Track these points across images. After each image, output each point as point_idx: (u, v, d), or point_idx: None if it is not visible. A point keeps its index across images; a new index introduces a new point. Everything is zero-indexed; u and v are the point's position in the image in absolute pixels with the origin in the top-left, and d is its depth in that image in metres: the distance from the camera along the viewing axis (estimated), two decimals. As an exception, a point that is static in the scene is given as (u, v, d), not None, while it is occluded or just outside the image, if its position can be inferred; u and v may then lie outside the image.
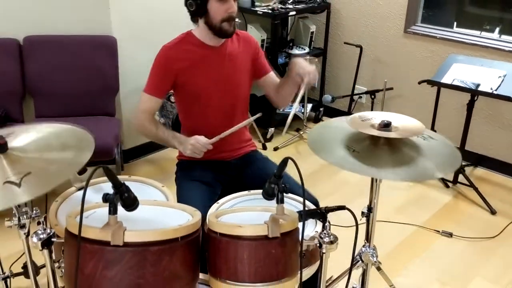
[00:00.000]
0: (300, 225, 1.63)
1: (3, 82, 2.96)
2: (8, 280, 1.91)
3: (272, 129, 3.97)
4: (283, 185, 1.28)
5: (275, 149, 3.87)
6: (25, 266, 2.21)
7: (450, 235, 2.86)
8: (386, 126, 1.35)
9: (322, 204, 1.40)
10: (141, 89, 3.42)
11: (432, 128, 3.56)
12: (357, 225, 1.45)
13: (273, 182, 1.29)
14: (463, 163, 3.38)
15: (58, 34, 3.13)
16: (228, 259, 1.31)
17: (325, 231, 1.43)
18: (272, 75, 2.21)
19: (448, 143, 1.47)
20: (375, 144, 1.36)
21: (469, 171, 3.57)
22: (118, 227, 1.16)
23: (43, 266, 1.60)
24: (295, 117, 4.15)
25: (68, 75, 3.10)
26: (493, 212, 3.08)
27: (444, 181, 3.40)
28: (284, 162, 1.27)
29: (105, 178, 1.28)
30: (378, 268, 2.07)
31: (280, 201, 1.29)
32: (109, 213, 1.16)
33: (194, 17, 2.01)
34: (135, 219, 1.39)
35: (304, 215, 1.26)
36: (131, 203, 1.19)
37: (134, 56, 3.37)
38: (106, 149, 2.79)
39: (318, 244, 1.42)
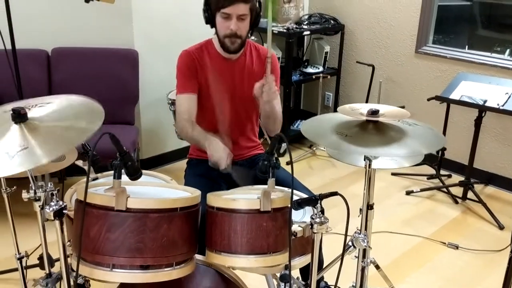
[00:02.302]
0: (296, 213, 1.74)
1: (31, 89, 3.14)
2: (23, 261, 2.03)
3: (285, 144, 4.07)
4: (274, 162, 1.38)
5: (288, 163, 3.96)
6: (40, 258, 2.32)
7: (456, 247, 2.88)
8: (373, 113, 1.45)
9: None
10: (160, 100, 3.63)
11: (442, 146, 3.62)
12: (348, 210, 1.52)
13: (266, 159, 1.39)
14: (472, 180, 3.40)
15: (84, 46, 3.34)
16: (223, 231, 1.40)
17: (317, 213, 1.51)
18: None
19: (432, 128, 1.55)
20: (364, 129, 1.45)
21: (479, 189, 3.59)
22: (121, 191, 1.27)
23: (58, 259, 1.71)
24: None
25: (91, 84, 3.29)
26: (501, 227, 3.09)
27: (453, 197, 3.43)
28: (276, 139, 1.37)
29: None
30: (377, 267, 2.12)
31: (272, 175, 1.39)
32: (114, 177, 1.27)
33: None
34: (139, 193, 1.52)
35: (292, 183, 1.35)
36: (134, 172, 1.30)
37: (154, 69, 3.56)
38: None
39: (310, 225, 1.50)
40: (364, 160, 1.57)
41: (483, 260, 2.78)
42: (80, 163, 1.80)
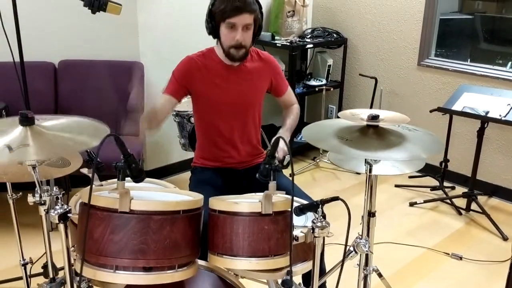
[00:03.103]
0: (298, 219, 1.75)
1: (38, 100, 3.21)
2: (28, 267, 2.04)
3: (289, 156, 4.09)
4: (275, 165, 1.40)
5: (291, 175, 3.98)
6: (45, 266, 2.33)
7: (460, 258, 2.87)
8: (374, 118, 1.47)
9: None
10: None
11: (445, 157, 3.63)
12: (349, 214, 1.54)
13: (267, 163, 1.41)
14: (476, 192, 3.40)
15: (90, 59, 3.40)
16: (225, 233, 1.42)
17: (318, 218, 1.52)
18: (286, 96, 2.39)
19: (431, 134, 1.57)
20: (364, 134, 1.47)
21: (483, 201, 3.58)
22: (125, 192, 1.29)
23: (62, 268, 1.73)
24: (312, 146, 4.28)
25: (97, 96, 3.34)
26: (505, 238, 3.08)
27: (456, 208, 3.42)
28: (277, 142, 1.40)
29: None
30: (380, 275, 2.12)
31: (273, 178, 1.41)
32: (118, 179, 1.30)
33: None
34: (142, 197, 1.54)
35: (292, 187, 1.36)
36: (138, 174, 1.33)
37: (159, 81, 3.59)
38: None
39: (311, 230, 1.51)
40: (365, 164, 1.59)
41: (486, 270, 2.77)
42: (85, 170, 1.83)
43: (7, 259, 2.67)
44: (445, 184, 3.73)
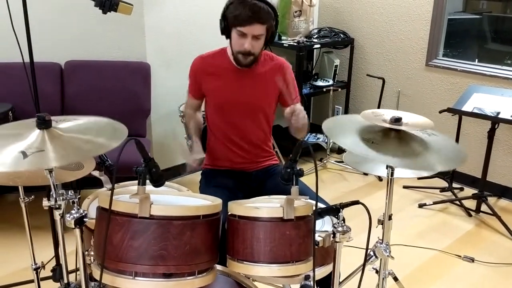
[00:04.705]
0: (316, 223, 1.72)
1: (44, 102, 3.14)
2: (39, 271, 2.02)
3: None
4: (298, 169, 1.38)
5: (315, 176, 3.95)
6: (54, 270, 2.31)
7: (472, 260, 2.84)
8: (396, 121, 1.44)
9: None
10: (171, 113, 3.65)
11: (454, 158, 3.60)
12: (370, 218, 1.51)
13: (289, 167, 1.38)
14: (486, 193, 3.38)
15: (97, 59, 3.37)
16: (245, 239, 1.39)
17: (339, 222, 1.50)
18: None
19: (449, 140, 1.54)
20: (387, 137, 1.45)
21: (493, 202, 3.56)
22: (145, 198, 1.26)
23: (72, 271, 1.70)
24: (319, 147, 4.25)
25: (103, 97, 3.31)
26: (516, 240, 3.06)
27: (466, 210, 3.40)
28: (299, 146, 1.37)
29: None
30: (395, 279, 2.10)
31: (295, 183, 1.38)
32: (138, 184, 1.27)
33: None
34: (160, 201, 1.51)
35: (316, 190, 1.34)
36: (158, 178, 1.30)
37: (166, 82, 3.58)
38: (135, 164, 2.93)
39: (331, 234, 1.49)
40: (387, 168, 1.56)
41: (499, 273, 2.75)
42: (96, 173, 1.80)
43: (13, 262, 2.63)
44: (454, 185, 3.71)
